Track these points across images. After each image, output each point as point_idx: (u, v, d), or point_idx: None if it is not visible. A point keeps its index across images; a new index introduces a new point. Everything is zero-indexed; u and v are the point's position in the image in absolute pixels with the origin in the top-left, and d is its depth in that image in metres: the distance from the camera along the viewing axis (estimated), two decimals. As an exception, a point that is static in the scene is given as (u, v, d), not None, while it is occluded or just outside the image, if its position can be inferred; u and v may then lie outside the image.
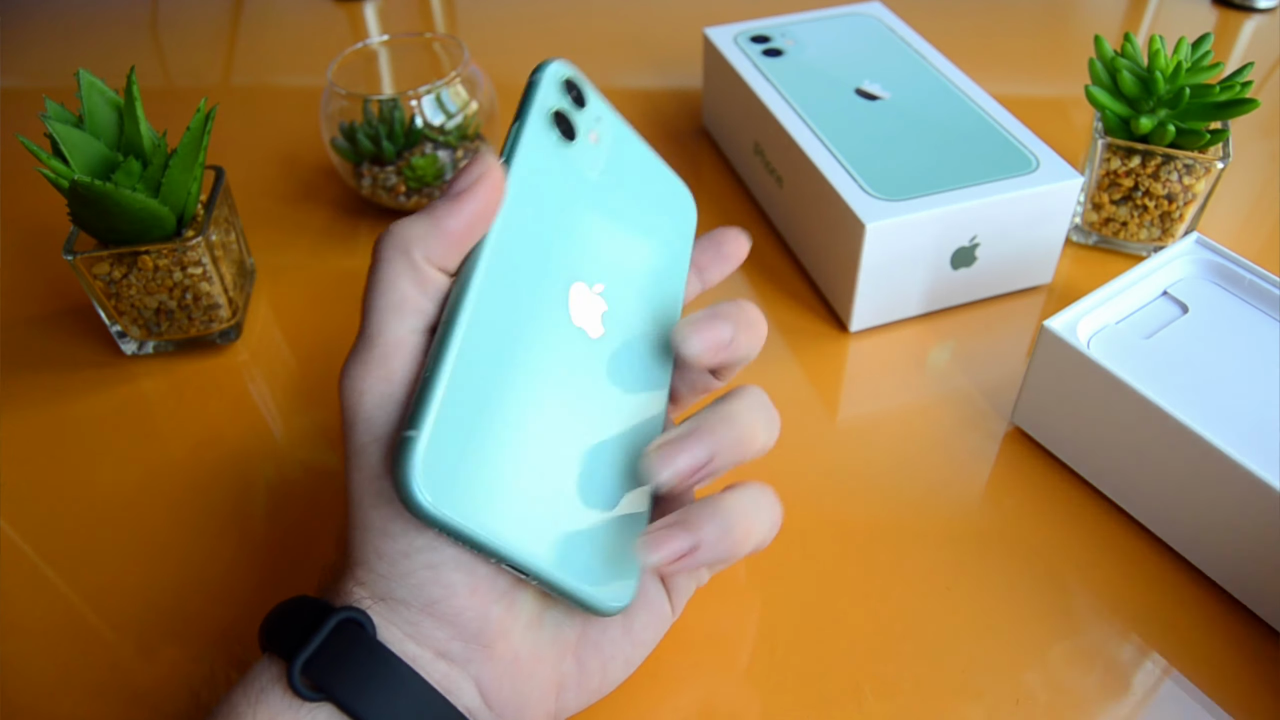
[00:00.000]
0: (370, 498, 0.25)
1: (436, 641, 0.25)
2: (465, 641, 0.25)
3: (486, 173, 0.26)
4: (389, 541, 0.25)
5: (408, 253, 0.26)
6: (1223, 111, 0.44)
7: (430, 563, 0.25)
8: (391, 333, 0.26)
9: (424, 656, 0.25)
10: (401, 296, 0.26)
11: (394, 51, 0.58)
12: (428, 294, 0.26)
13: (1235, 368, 0.36)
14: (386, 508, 0.25)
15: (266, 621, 0.26)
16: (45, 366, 0.46)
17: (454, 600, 0.25)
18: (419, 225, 0.26)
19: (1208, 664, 0.32)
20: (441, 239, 0.26)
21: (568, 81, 0.31)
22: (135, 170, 0.41)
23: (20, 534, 0.38)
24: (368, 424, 0.25)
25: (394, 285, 0.26)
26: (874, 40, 0.55)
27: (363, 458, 0.25)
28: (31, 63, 0.73)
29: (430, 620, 0.25)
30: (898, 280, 0.44)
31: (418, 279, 0.26)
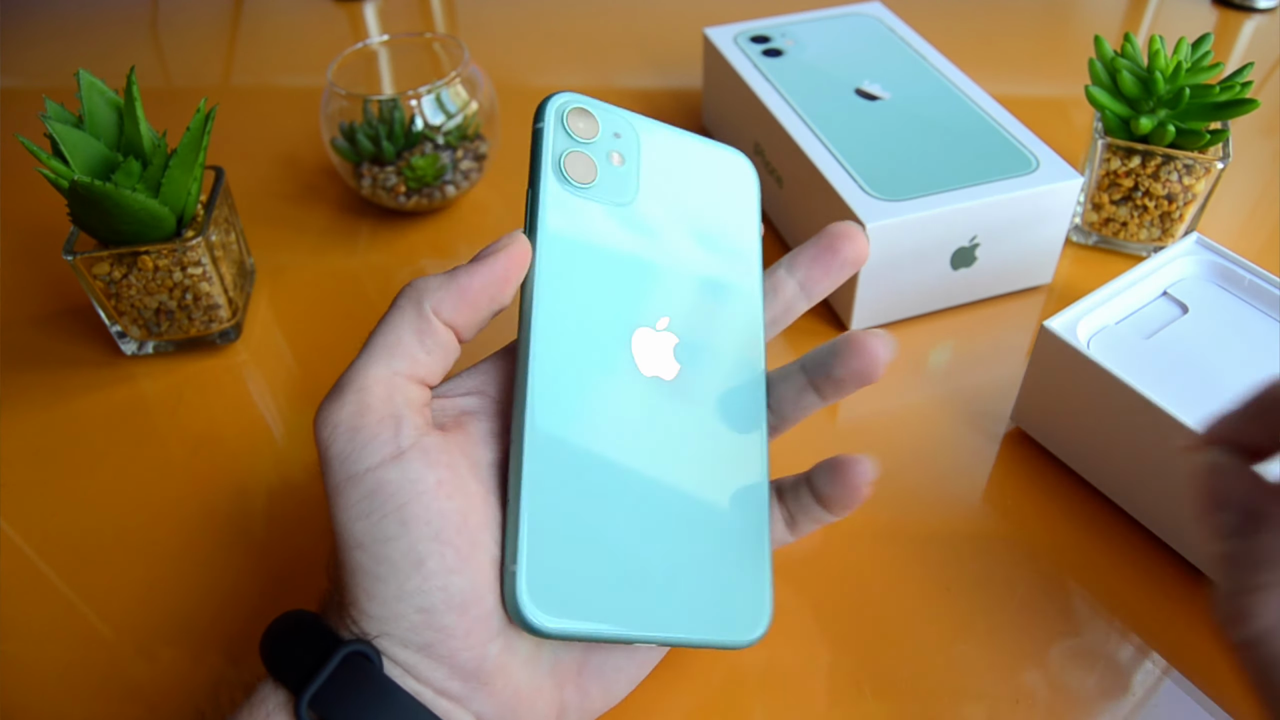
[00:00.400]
0: (354, 539, 0.24)
1: (435, 680, 0.25)
2: (463, 680, 0.25)
3: (511, 242, 0.27)
4: (379, 585, 0.24)
5: (419, 303, 0.26)
6: (1223, 111, 0.44)
7: (422, 606, 0.24)
8: (372, 371, 0.25)
9: (425, 694, 0.25)
10: (397, 339, 0.26)
11: (394, 51, 0.58)
12: (425, 346, 0.26)
13: (1235, 368, 0.36)
14: (374, 548, 0.24)
15: (271, 640, 0.26)
16: (45, 366, 0.46)
17: (450, 642, 0.24)
18: (435, 279, 0.27)
19: (1208, 664, 0.32)
20: (453, 294, 0.26)
21: (570, 115, 0.30)
22: (135, 170, 0.41)
23: (20, 534, 0.38)
24: (341, 461, 0.25)
25: (394, 329, 0.26)
26: (874, 40, 0.55)
27: (341, 497, 0.24)
28: (31, 63, 0.73)
29: (428, 661, 0.25)
30: (898, 280, 0.44)
31: (420, 328, 0.26)
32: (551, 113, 0.29)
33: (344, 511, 0.24)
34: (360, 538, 0.24)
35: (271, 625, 0.26)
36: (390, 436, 0.25)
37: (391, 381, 0.26)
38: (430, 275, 0.27)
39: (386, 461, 0.24)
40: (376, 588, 0.24)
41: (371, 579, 0.24)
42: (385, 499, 0.24)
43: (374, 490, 0.24)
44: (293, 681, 0.24)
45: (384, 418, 0.25)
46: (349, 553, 0.24)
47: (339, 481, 0.25)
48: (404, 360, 0.26)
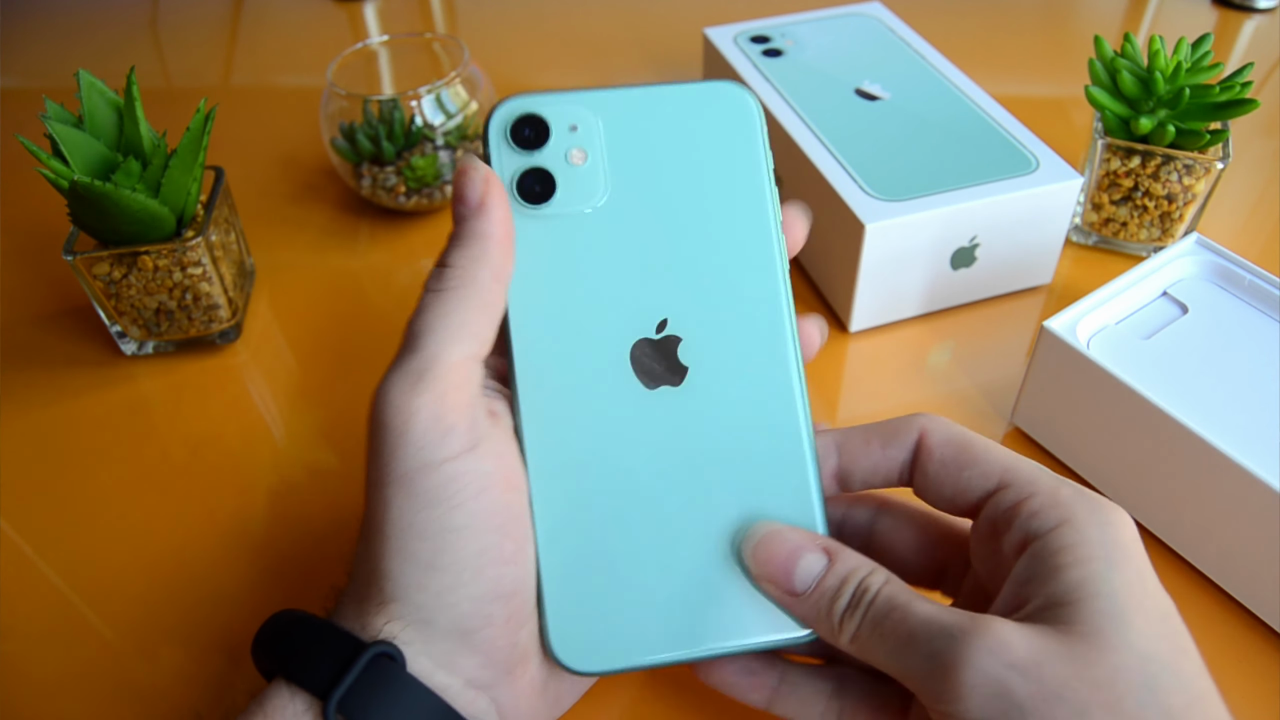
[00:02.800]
0: (416, 528, 0.24)
1: (467, 670, 0.25)
2: (493, 669, 0.25)
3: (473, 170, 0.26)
4: (434, 575, 0.24)
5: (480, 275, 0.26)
6: (1222, 112, 0.44)
7: (474, 595, 0.24)
8: (449, 355, 0.25)
9: (454, 686, 0.25)
10: (465, 318, 0.25)
11: (394, 51, 0.58)
12: (490, 319, 0.26)
13: (1235, 368, 0.36)
14: (439, 538, 0.24)
15: (275, 646, 0.25)
16: (45, 366, 0.46)
17: (489, 629, 0.25)
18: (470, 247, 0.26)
19: (1208, 664, 0.32)
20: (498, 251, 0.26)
21: (513, 127, 0.27)
22: (135, 170, 0.41)
23: (20, 534, 0.38)
24: (418, 449, 0.24)
25: (463, 305, 0.25)
26: (874, 40, 0.55)
27: (411, 484, 0.24)
28: (31, 63, 0.73)
29: (465, 649, 0.25)
30: (897, 280, 0.44)
31: (486, 302, 0.26)
32: (494, 131, 0.27)
33: (409, 499, 0.24)
34: (424, 527, 0.24)
35: (269, 626, 0.26)
36: (468, 427, 0.25)
37: (468, 366, 0.25)
38: (460, 247, 0.26)
39: (463, 453, 0.24)
40: (431, 578, 0.24)
41: (426, 569, 0.24)
42: (459, 489, 0.24)
43: (449, 480, 0.24)
44: (316, 685, 0.24)
45: (462, 406, 0.25)
46: (405, 541, 0.24)
47: (410, 469, 0.24)
48: (474, 341, 0.25)
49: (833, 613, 0.25)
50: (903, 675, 0.23)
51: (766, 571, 0.26)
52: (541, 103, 0.28)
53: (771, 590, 0.26)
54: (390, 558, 0.24)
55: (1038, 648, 0.21)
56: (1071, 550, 0.23)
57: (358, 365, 0.45)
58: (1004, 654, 0.21)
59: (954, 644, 0.22)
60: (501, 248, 0.26)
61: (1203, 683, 0.22)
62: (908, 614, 0.23)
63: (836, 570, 0.25)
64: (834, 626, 0.25)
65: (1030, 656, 0.21)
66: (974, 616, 0.22)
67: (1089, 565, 0.22)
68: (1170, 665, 0.22)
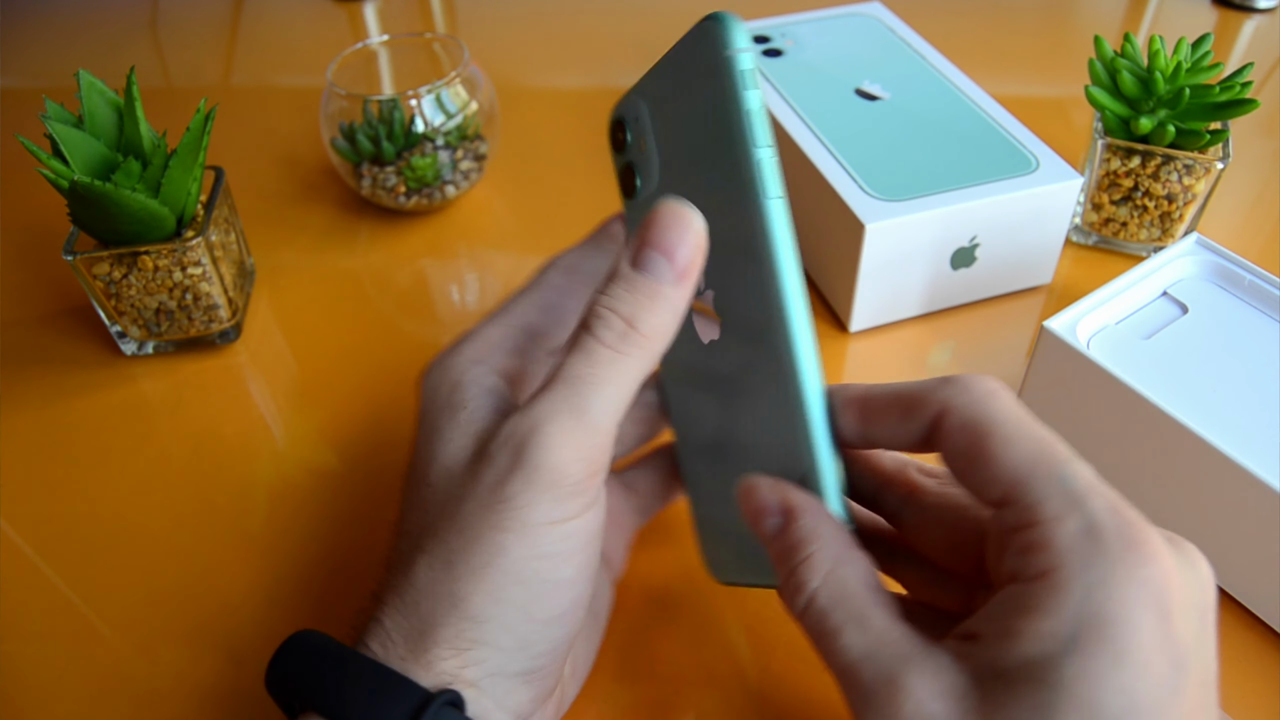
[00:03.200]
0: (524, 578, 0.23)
1: (521, 705, 0.25)
2: (539, 701, 0.26)
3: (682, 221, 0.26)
4: (526, 623, 0.24)
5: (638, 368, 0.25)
6: (1222, 112, 0.44)
7: (553, 638, 0.25)
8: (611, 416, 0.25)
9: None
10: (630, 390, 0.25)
11: (394, 52, 0.58)
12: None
13: (1235, 368, 0.36)
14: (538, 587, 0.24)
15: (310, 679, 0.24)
16: (45, 366, 0.46)
17: (551, 665, 0.25)
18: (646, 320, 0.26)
19: (1207, 664, 0.32)
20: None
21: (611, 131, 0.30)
22: (135, 170, 0.41)
23: (20, 534, 0.38)
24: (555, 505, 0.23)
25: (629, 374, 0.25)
26: (874, 40, 0.55)
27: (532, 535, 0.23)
28: (31, 63, 0.73)
29: (525, 686, 0.25)
30: (897, 280, 0.44)
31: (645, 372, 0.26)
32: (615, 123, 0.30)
33: (526, 549, 0.23)
34: (529, 576, 0.24)
35: (298, 658, 0.25)
36: (598, 487, 0.25)
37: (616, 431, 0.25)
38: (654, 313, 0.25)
39: (586, 509, 0.25)
40: (521, 625, 0.24)
41: (520, 615, 0.24)
42: (574, 545, 0.24)
43: (570, 535, 0.24)
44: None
45: (603, 470, 0.25)
46: (505, 589, 0.23)
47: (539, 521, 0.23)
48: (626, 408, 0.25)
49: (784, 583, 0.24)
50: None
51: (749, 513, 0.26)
52: (620, 105, 0.30)
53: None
54: (484, 600, 0.23)
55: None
56: (1037, 613, 0.20)
57: (358, 365, 0.45)
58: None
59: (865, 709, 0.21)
60: (681, 323, 0.25)
61: None
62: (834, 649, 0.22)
63: (784, 539, 0.24)
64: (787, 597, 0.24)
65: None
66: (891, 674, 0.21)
67: (1045, 642, 0.19)
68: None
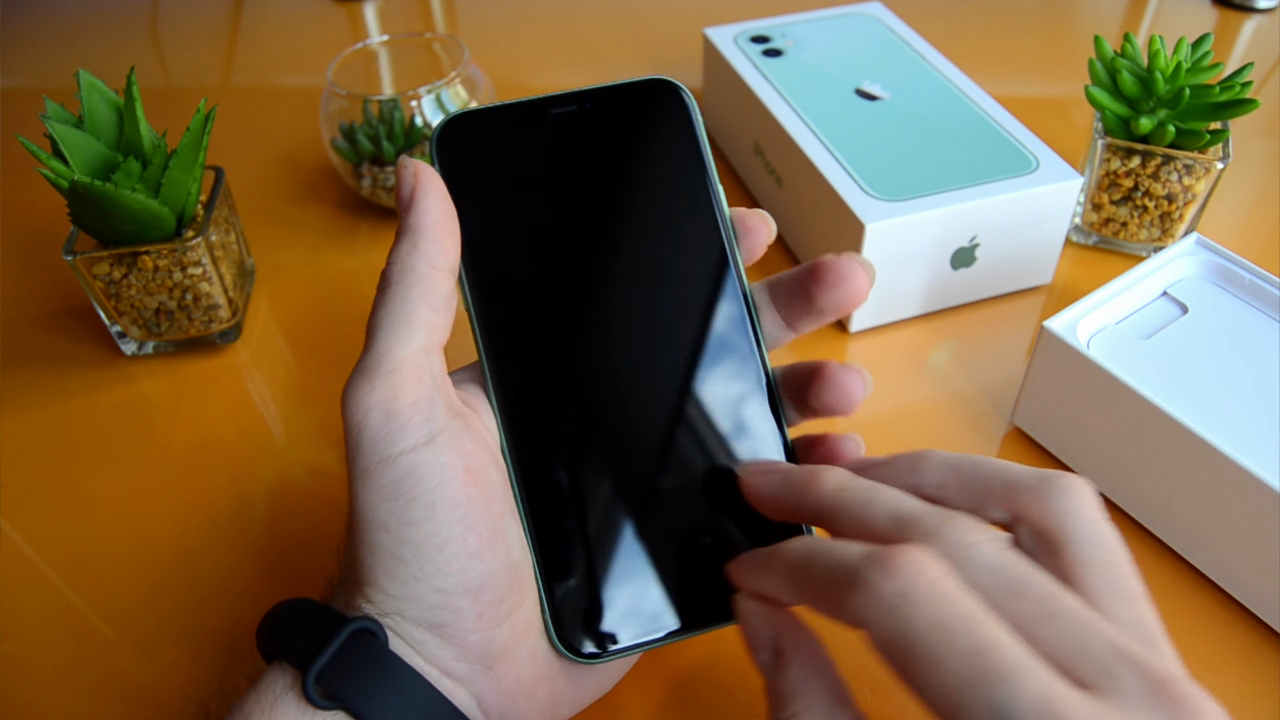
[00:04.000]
0: (379, 520, 0.25)
1: (442, 660, 0.25)
2: (470, 662, 0.26)
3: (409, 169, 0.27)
4: (399, 565, 0.25)
5: (415, 266, 0.26)
6: (1222, 112, 0.44)
7: (440, 587, 0.25)
8: (398, 351, 0.25)
9: (431, 673, 0.25)
10: (410, 311, 0.26)
11: (394, 51, 0.58)
12: (434, 305, 0.26)
13: (1235, 368, 0.36)
14: (398, 531, 0.24)
15: (270, 627, 0.26)
16: (45, 366, 0.46)
17: (461, 623, 0.25)
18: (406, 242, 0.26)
19: (1208, 664, 0.32)
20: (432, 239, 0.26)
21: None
22: (135, 170, 0.41)
23: (20, 534, 0.38)
24: (374, 444, 0.25)
25: (402, 301, 0.26)
26: (874, 40, 0.55)
27: (371, 479, 0.25)
28: (31, 63, 0.73)
29: (437, 640, 0.25)
30: (898, 280, 0.44)
31: (426, 290, 0.26)
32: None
33: (371, 493, 0.25)
34: (386, 519, 0.24)
35: (268, 614, 0.27)
36: (423, 421, 0.25)
37: (418, 360, 0.26)
38: (396, 244, 0.27)
39: (420, 446, 0.25)
40: (397, 568, 0.25)
41: (393, 559, 0.24)
42: (416, 482, 0.24)
43: (406, 474, 0.24)
44: (299, 659, 0.24)
45: (417, 401, 0.25)
46: (372, 533, 0.25)
47: (370, 464, 0.25)
48: (422, 331, 0.26)
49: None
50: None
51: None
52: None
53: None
54: (362, 548, 0.25)
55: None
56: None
57: (358, 365, 0.45)
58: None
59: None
60: (432, 236, 0.26)
61: None
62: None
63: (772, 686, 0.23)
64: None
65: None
66: None
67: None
68: None
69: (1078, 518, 0.22)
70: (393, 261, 0.26)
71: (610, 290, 0.28)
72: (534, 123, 0.29)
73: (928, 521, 0.21)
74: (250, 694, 0.25)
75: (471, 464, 0.26)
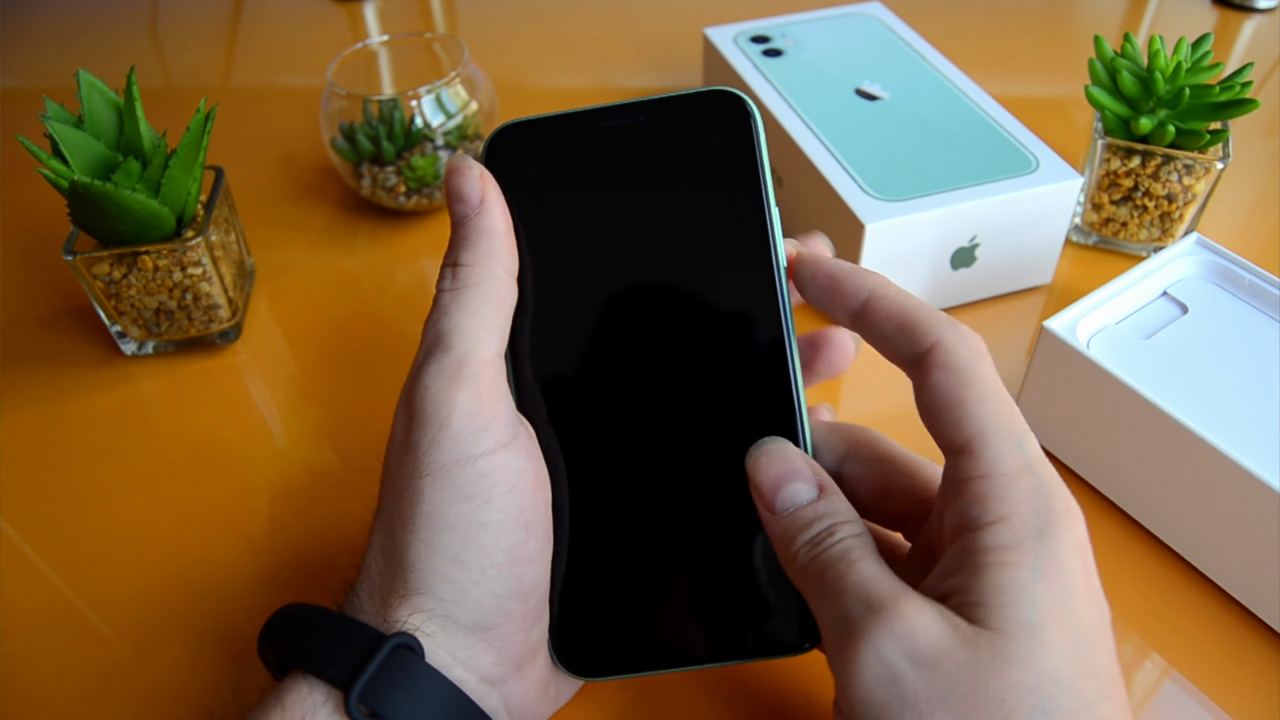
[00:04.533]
0: (445, 520, 0.24)
1: (482, 666, 0.25)
2: (506, 666, 0.26)
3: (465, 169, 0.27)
4: (459, 569, 0.24)
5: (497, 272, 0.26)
6: (1222, 112, 0.44)
7: (496, 591, 0.25)
8: (482, 352, 0.25)
9: (469, 680, 0.25)
10: (493, 314, 0.26)
11: (394, 52, 0.58)
12: (507, 313, 0.27)
13: (1235, 368, 0.36)
14: (465, 532, 0.24)
15: (285, 637, 0.25)
16: (45, 366, 0.46)
17: (507, 626, 0.25)
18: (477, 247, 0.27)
19: (1208, 664, 0.32)
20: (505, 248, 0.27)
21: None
22: (135, 170, 0.41)
23: (20, 534, 0.38)
24: (456, 443, 0.24)
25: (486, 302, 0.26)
26: (874, 40, 0.55)
27: (447, 478, 0.24)
28: (31, 63, 0.73)
29: (482, 645, 0.25)
30: (898, 280, 0.43)
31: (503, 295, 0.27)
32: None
33: (443, 493, 0.24)
34: (455, 520, 0.24)
35: (280, 619, 0.26)
36: (504, 423, 0.25)
37: (498, 364, 0.26)
38: (469, 245, 0.26)
39: (499, 449, 0.25)
40: (456, 572, 0.24)
41: (453, 563, 0.24)
42: (494, 484, 0.25)
43: (484, 475, 0.24)
44: (336, 677, 0.24)
45: (498, 402, 0.25)
46: (434, 534, 0.24)
47: (448, 463, 0.24)
48: (499, 337, 0.26)
49: (794, 540, 0.25)
50: (823, 628, 0.24)
51: (756, 481, 0.26)
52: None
53: (756, 499, 0.26)
54: (417, 548, 0.24)
55: (942, 646, 0.21)
56: (1001, 552, 0.22)
57: (357, 365, 0.45)
58: (907, 642, 0.21)
59: (867, 615, 0.22)
60: (506, 244, 0.27)
61: (1104, 707, 0.21)
62: (850, 569, 0.23)
63: (818, 506, 0.25)
64: (789, 553, 0.25)
65: (931, 653, 0.21)
66: (900, 594, 0.22)
67: (1015, 571, 0.22)
68: (1072, 688, 0.21)
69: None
70: (469, 262, 0.26)
71: (648, 315, 0.28)
72: (586, 135, 0.28)
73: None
74: (273, 709, 0.24)
75: (538, 469, 0.26)
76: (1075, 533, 0.23)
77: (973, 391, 0.24)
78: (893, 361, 0.26)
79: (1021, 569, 0.22)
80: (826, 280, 0.27)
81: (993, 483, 0.23)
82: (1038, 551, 0.22)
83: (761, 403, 0.27)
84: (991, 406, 0.24)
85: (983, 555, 0.22)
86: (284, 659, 0.25)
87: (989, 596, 0.21)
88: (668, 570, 0.27)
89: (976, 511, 0.23)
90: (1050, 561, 0.22)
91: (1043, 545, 0.22)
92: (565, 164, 0.28)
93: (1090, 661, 0.21)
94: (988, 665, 0.21)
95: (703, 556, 0.27)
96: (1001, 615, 0.21)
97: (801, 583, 0.25)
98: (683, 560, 0.27)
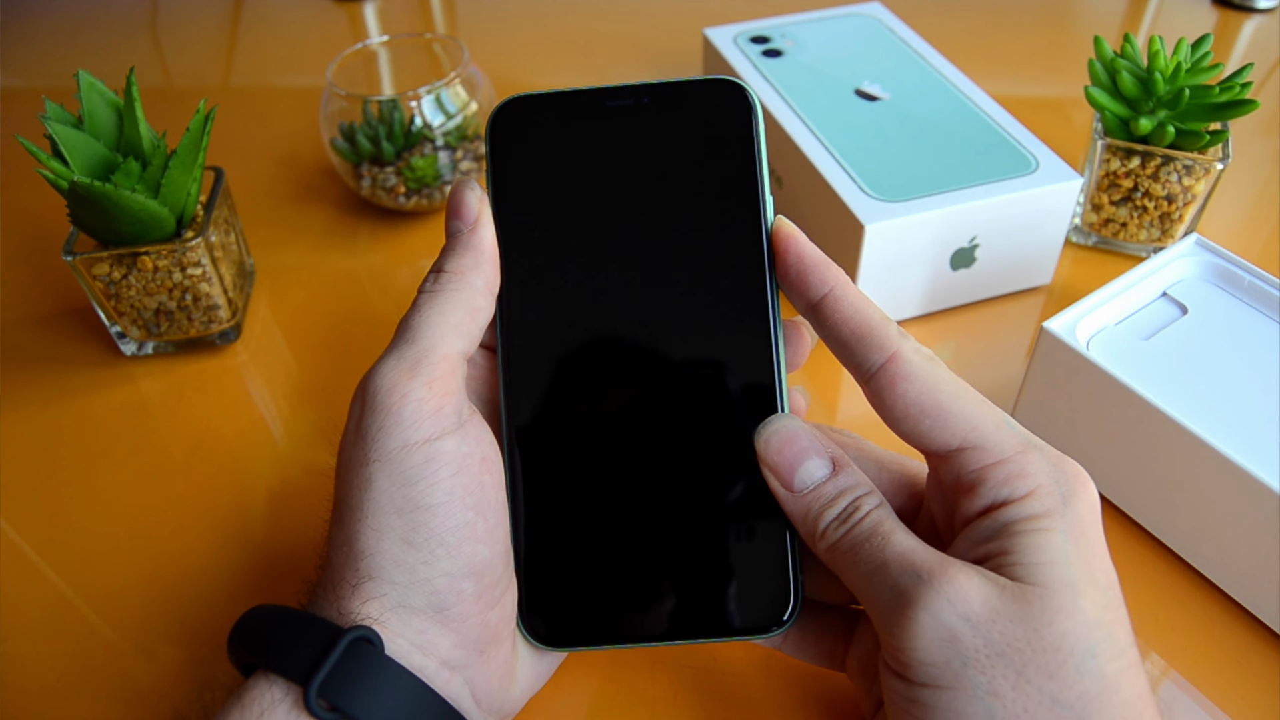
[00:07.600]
0: (394, 505, 0.25)
1: (442, 650, 0.26)
2: (466, 649, 0.26)
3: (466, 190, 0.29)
4: (409, 551, 0.25)
5: (474, 283, 0.27)
6: (1222, 112, 0.44)
7: (447, 570, 0.25)
8: (442, 348, 0.26)
9: (429, 666, 0.25)
10: (459, 319, 0.27)
11: (394, 52, 0.58)
12: (479, 323, 0.28)
13: (1235, 369, 0.36)
14: (414, 514, 0.25)
15: (249, 638, 0.26)
16: (45, 366, 0.46)
17: (461, 606, 0.26)
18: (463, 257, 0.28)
19: (1208, 665, 0.32)
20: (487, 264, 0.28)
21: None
22: (135, 171, 0.40)
23: (20, 534, 0.38)
24: (402, 427, 0.25)
25: (456, 307, 0.27)
26: (874, 40, 0.55)
27: (393, 463, 0.25)
28: (31, 63, 0.73)
29: (438, 628, 0.25)
30: (897, 281, 0.44)
31: (477, 306, 0.27)
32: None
33: (389, 478, 0.25)
34: (401, 504, 0.25)
35: (242, 624, 0.26)
36: (454, 411, 0.26)
37: (456, 360, 0.27)
38: (456, 255, 0.28)
39: (445, 433, 0.25)
40: (406, 554, 0.25)
41: (403, 545, 0.25)
42: (439, 467, 0.25)
43: (430, 458, 0.25)
44: (295, 672, 0.24)
45: (448, 391, 0.26)
46: (382, 519, 0.25)
47: (395, 447, 0.25)
48: (464, 340, 0.27)
49: (820, 518, 0.26)
50: (866, 600, 0.25)
51: (771, 461, 0.27)
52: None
53: (771, 480, 0.27)
54: (367, 535, 0.25)
55: (994, 605, 0.23)
56: (1036, 520, 0.24)
57: (357, 365, 0.45)
58: (961, 605, 0.23)
59: (918, 584, 0.23)
60: (493, 262, 0.28)
61: (1133, 652, 0.24)
62: (887, 542, 0.25)
63: (838, 481, 0.27)
64: (817, 532, 0.26)
65: (984, 612, 0.23)
66: (944, 561, 0.24)
67: (1050, 534, 0.24)
68: (1111, 632, 0.23)
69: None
70: (451, 269, 0.28)
71: (632, 294, 0.28)
72: (590, 113, 0.29)
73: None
74: (233, 707, 0.24)
75: (487, 454, 0.27)
76: (1090, 492, 0.25)
77: (944, 395, 0.26)
78: (844, 365, 0.27)
79: (1054, 533, 0.24)
80: (795, 261, 0.27)
81: (1009, 465, 0.25)
82: (1064, 515, 0.24)
83: (743, 381, 0.28)
84: (969, 402, 0.26)
85: (1019, 524, 0.24)
86: (247, 659, 0.26)
87: (1029, 556, 0.23)
88: (636, 545, 0.28)
89: (1006, 492, 0.25)
90: (1075, 523, 0.24)
91: (1068, 509, 0.24)
92: (567, 139, 0.29)
93: (1118, 610, 0.24)
94: (1040, 617, 0.23)
95: (675, 534, 0.28)
96: (1043, 573, 0.23)
97: (833, 558, 0.26)
98: (654, 536, 0.28)
